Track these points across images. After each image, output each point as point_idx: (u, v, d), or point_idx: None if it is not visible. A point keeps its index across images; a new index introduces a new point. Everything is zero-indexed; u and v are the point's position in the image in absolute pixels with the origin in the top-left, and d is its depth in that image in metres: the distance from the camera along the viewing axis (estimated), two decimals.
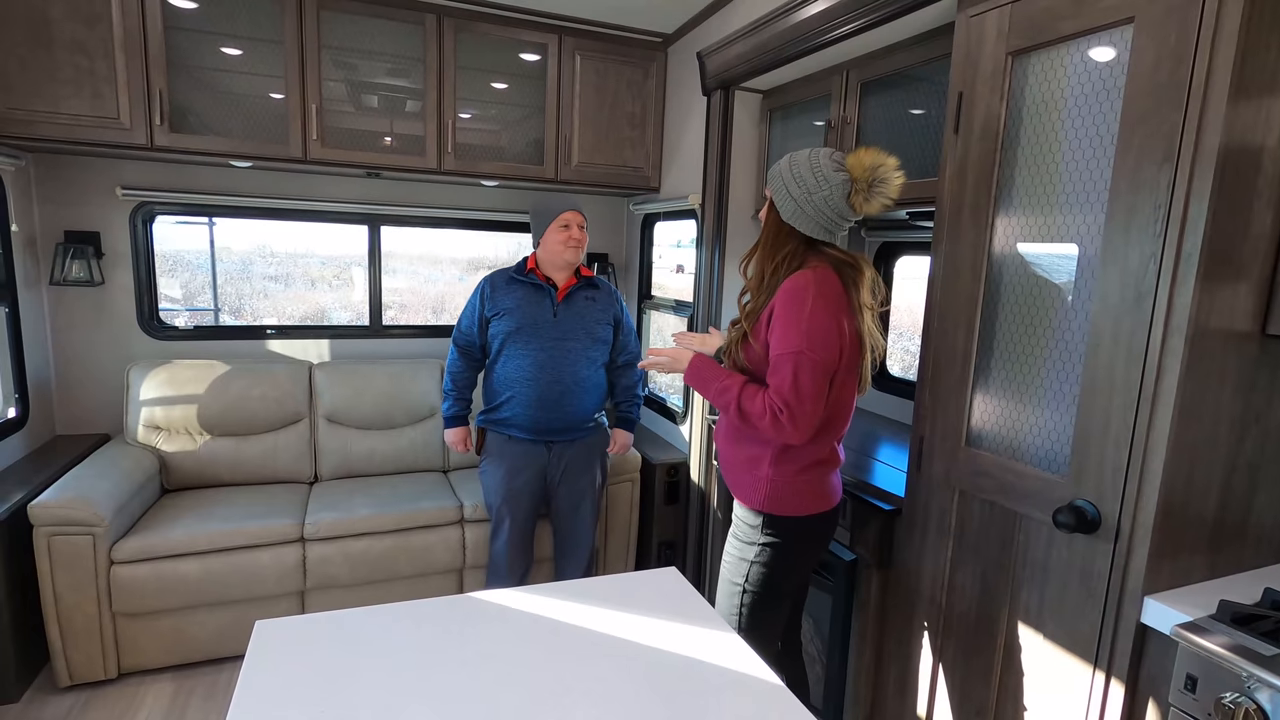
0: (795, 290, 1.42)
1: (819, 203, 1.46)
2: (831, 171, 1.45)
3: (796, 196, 1.47)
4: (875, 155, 1.44)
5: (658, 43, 2.97)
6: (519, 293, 2.27)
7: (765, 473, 1.53)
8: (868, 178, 1.43)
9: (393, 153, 2.70)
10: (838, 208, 1.46)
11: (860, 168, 1.44)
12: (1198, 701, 1.09)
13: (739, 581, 1.58)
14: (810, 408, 1.40)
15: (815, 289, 1.41)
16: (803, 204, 1.47)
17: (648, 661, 1.12)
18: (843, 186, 1.45)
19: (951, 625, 1.58)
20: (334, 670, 1.05)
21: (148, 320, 2.83)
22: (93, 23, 2.24)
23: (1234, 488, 1.26)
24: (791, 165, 1.49)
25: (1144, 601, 1.20)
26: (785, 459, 1.52)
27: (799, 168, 1.48)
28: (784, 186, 1.49)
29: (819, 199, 1.46)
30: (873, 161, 1.43)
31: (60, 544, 2.08)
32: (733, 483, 1.61)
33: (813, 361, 1.39)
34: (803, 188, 1.46)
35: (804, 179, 1.46)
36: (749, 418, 1.45)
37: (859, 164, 1.44)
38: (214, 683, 2.27)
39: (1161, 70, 1.15)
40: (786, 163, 1.51)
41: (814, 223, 1.48)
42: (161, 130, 2.36)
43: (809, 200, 1.46)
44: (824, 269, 1.46)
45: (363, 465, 2.88)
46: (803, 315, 1.40)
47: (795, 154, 1.52)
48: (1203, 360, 1.16)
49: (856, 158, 1.45)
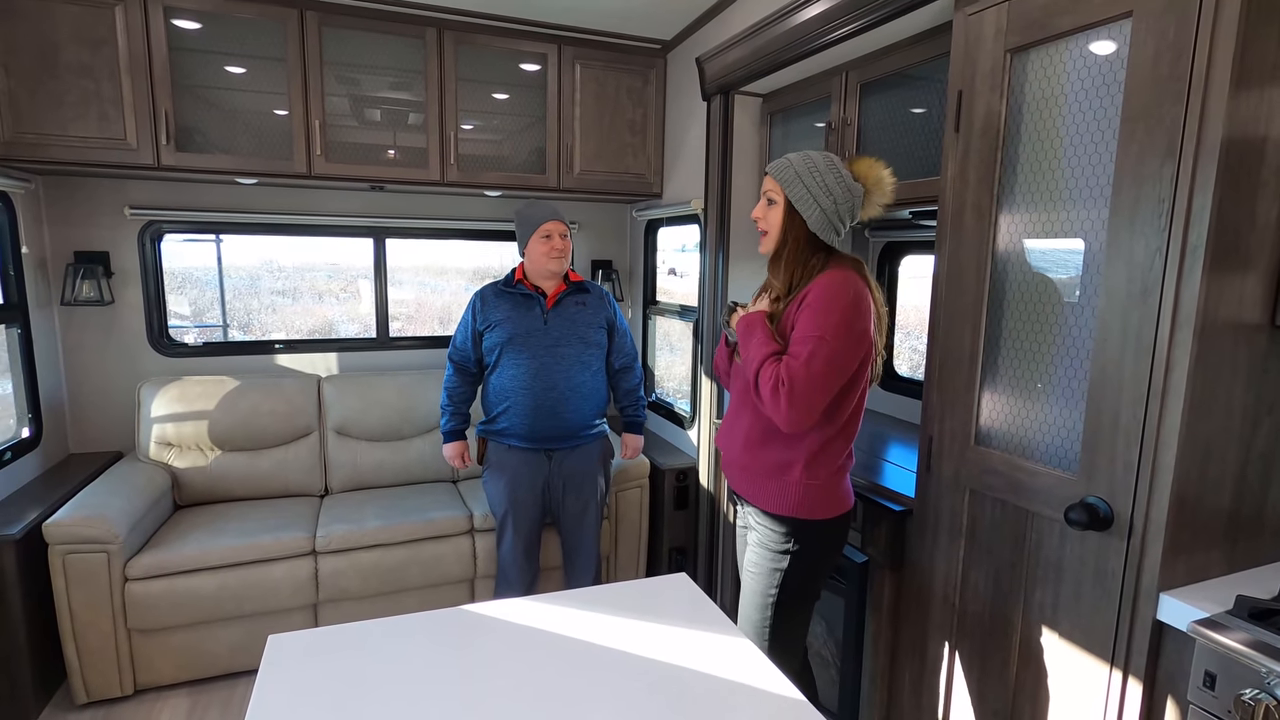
0: (833, 285, 1.44)
1: (844, 213, 1.51)
2: (852, 181, 1.51)
3: (826, 208, 1.49)
4: (878, 167, 1.53)
5: (657, 49, 2.98)
6: (509, 303, 2.28)
7: (797, 477, 1.52)
8: (876, 188, 1.52)
9: (396, 166, 2.71)
10: (853, 214, 1.53)
11: (872, 178, 1.52)
12: (1217, 699, 1.08)
13: (772, 593, 1.57)
14: (812, 394, 1.40)
15: (853, 289, 1.45)
16: (831, 215, 1.49)
17: (660, 669, 1.11)
18: (861, 197, 1.52)
19: (966, 625, 1.57)
20: (347, 682, 1.05)
21: (158, 338, 2.86)
22: (98, 46, 2.27)
23: (1249, 480, 1.25)
24: (813, 173, 1.49)
25: (1160, 598, 1.18)
26: (818, 463, 1.52)
27: (823, 176, 1.48)
28: (810, 195, 1.49)
29: (844, 209, 1.50)
30: (879, 174, 1.52)
31: (75, 562, 2.10)
32: (753, 491, 1.58)
33: (831, 351, 1.40)
34: (831, 198, 1.48)
35: (833, 190, 1.49)
36: (758, 382, 1.45)
37: (871, 174, 1.52)
38: (229, 698, 2.27)
39: (1161, 63, 1.14)
40: (805, 169, 1.50)
41: (833, 230, 1.52)
42: (168, 150, 2.39)
43: (836, 211, 1.49)
44: (847, 270, 1.49)
45: (372, 477, 2.89)
46: (835, 308, 1.42)
47: (808, 158, 1.51)
48: (1212, 352, 1.15)
49: (867, 167, 1.52)
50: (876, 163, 1.52)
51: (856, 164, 1.52)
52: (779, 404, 1.41)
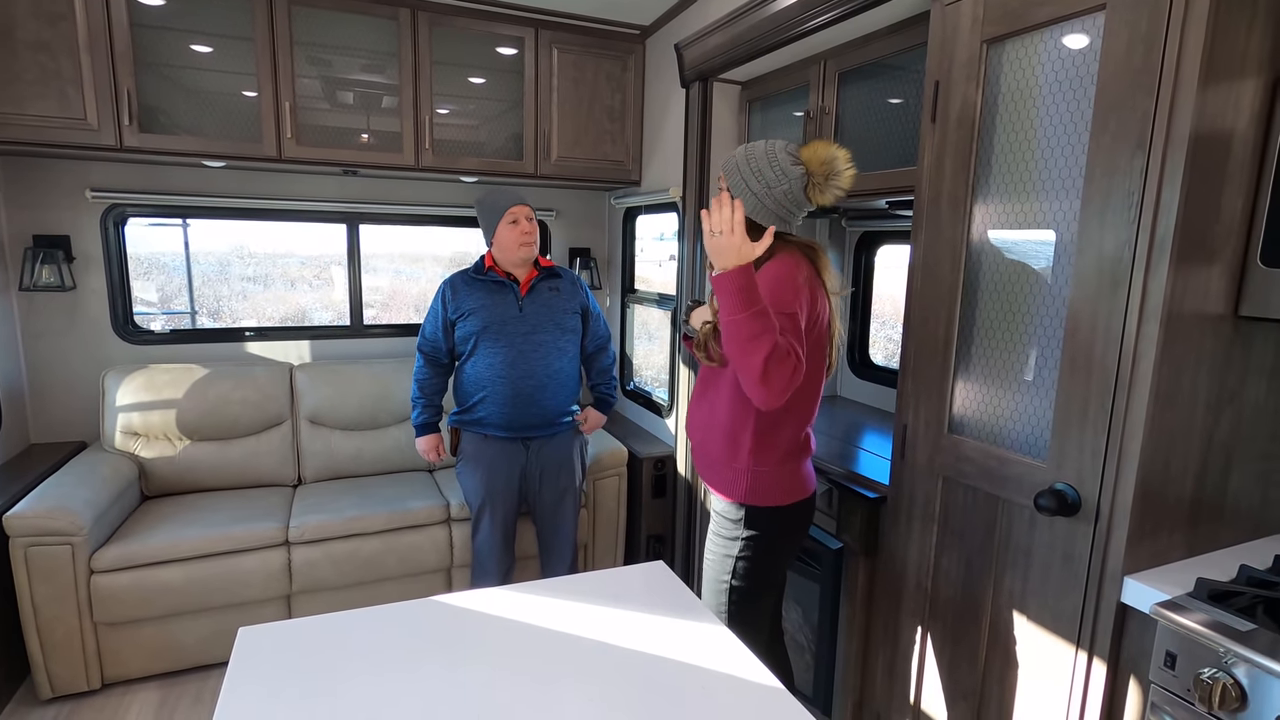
0: (780, 273, 1.43)
1: (779, 196, 1.48)
2: (789, 165, 1.47)
3: (757, 191, 1.48)
4: (829, 148, 1.47)
5: (635, 35, 2.95)
6: (482, 291, 2.25)
7: (744, 464, 1.52)
8: (824, 170, 1.46)
9: (370, 150, 2.66)
10: (797, 200, 1.49)
11: (816, 161, 1.47)
12: (1177, 678, 1.11)
13: (725, 578, 1.58)
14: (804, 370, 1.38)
15: (799, 269, 1.44)
16: (763, 198, 1.48)
17: (637, 657, 1.12)
18: (800, 180, 1.47)
19: (938, 610, 1.60)
20: (319, 675, 1.04)
21: (122, 325, 2.78)
22: (55, 21, 2.18)
23: (1210, 467, 1.28)
24: (749, 160, 1.49)
25: (1124, 581, 1.22)
26: (764, 448, 1.52)
27: (757, 162, 1.48)
28: (743, 181, 1.49)
29: (779, 193, 1.47)
30: (827, 155, 1.46)
31: (38, 554, 2.04)
32: (711, 477, 1.60)
33: (800, 331, 1.39)
34: (762, 182, 1.47)
35: (763, 173, 1.47)
36: (774, 356, 1.29)
37: (815, 157, 1.47)
38: (200, 690, 2.24)
39: (1133, 56, 1.16)
40: (743, 156, 1.51)
41: (774, 215, 1.49)
42: (130, 130, 2.31)
43: (769, 194, 1.48)
44: (795, 254, 1.49)
45: (347, 466, 2.85)
46: (793, 288, 1.41)
47: (750, 147, 1.52)
48: (1177, 343, 1.17)
49: (812, 150, 1.48)
50: (827, 145, 1.47)
51: (805, 148, 1.49)
52: (796, 378, 1.33)
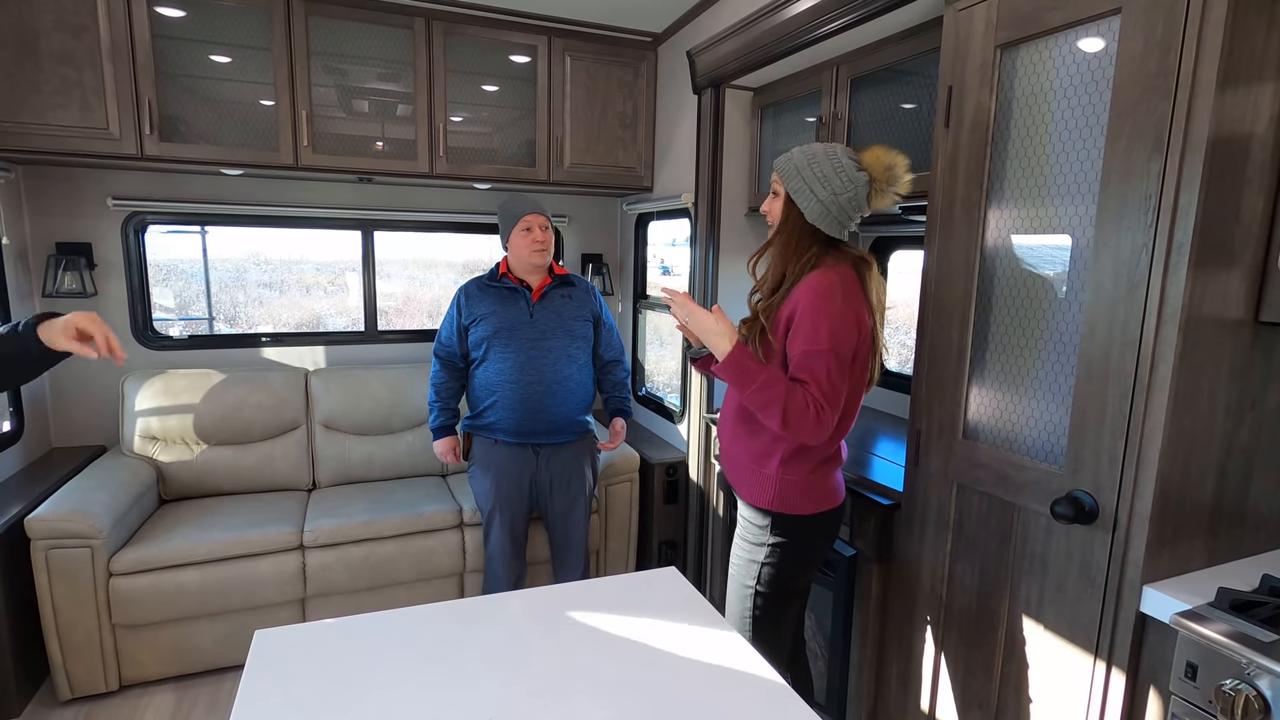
0: (824, 289, 1.41)
1: (844, 203, 1.45)
2: (855, 171, 1.45)
3: (824, 198, 1.45)
4: (890, 154, 1.46)
5: (647, 42, 2.97)
6: (494, 297, 2.27)
7: (773, 471, 1.51)
8: (886, 177, 1.45)
9: (384, 157, 2.69)
10: (859, 206, 1.47)
11: (880, 167, 1.45)
12: (1198, 689, 1.09)
13: (750, 584, 1.57)
14: (839, 406, 1.40)
15: (842, 289, 1.42)
16: (829, 205, 1.45)
17: (649, 663, 1.11)
18: (865, 186, 1.45)
19: (952, 618, 1.58)
20: (334, 678, 1.05)
21: (142, 331, 2.82)
22: (79, 33, 2.23)
23: (1230, 474, 1.26)
24: (812, 164, 1.46)
25: (1143, 590, 1.20)
26: (797, 458, 1.50)
27: (821, 167, 1.45)
28: (806, 187, 1.46)
29: (844, 199, 1.45)
30: (890, 160, 1.45)
31: (58, 557, 2.07)
32: (738, 481, 1.59)
33: (840, 360, 1.39)
34: (828, 189, 1.44)
35: (829, 179, 1.44)
36: (789, 416, 1.36)
37: (877, 163, 1.45)
38: (216, 693, 2.26)
39: (1149, 60, 1.15)
40: (804, 160, 1.47)
41: (836, 222, 1.47)
42: (151, 140, 2.35)
43: (835, 201, 1.45)
44: (846, 268, 1.46)
45: (361, 471, 2.87)
46: (832, 312, 1.39)
47: (809, 150, 1.49)
48: (1196, 348, 1.16)
49: (875, 156, 1.46)
50: (888, 151, 1.46)
51: (865, 153, 1.48)
52: (823, 428, 1.37)
